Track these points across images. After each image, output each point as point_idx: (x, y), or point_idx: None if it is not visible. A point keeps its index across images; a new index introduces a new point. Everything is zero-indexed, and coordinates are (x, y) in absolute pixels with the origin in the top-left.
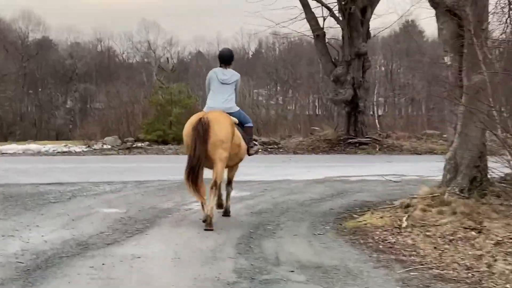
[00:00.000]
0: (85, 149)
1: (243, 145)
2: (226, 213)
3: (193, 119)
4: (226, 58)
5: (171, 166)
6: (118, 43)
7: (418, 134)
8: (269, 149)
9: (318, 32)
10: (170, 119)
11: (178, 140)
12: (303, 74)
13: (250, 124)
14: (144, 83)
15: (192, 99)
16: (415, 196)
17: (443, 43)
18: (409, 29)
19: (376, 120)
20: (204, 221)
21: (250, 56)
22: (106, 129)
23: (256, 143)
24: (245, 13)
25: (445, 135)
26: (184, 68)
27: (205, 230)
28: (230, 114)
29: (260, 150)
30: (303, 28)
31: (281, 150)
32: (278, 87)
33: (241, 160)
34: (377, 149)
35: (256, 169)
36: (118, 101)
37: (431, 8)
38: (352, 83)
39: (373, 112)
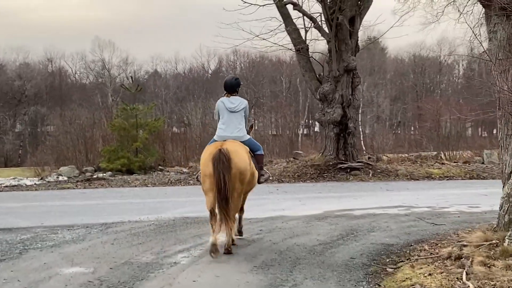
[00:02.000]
0: (37, 182)
1: (256, 173)
2: (240, 233)
3: (212, 149)
4: (229, 87)
5: (141, 202)
6: (70, 63)
7: (411, 156)
8: None
9: (301, 46)
10: (136, 145)
11: (145, 169)
12: (266, 93)
13: (261, 152)
14: (99, 105)
15: (160, 121)
16: (465, 243)
17: (496, 49)
18: (372, 45)
19: (362, 142)
20: (210, 252)
21: (210, 75)
22: (61, 157)
23: (267, 171)
24: (221, 25)
25: (442, 157)
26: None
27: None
28: (242, 142)
29: (270, 178)
30: (284, 41)
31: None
32: None
33: (252, 188)
34: (370, 174)
35: None
36: (74, 125)
37: (483, 7)
38: (341, 101)
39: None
